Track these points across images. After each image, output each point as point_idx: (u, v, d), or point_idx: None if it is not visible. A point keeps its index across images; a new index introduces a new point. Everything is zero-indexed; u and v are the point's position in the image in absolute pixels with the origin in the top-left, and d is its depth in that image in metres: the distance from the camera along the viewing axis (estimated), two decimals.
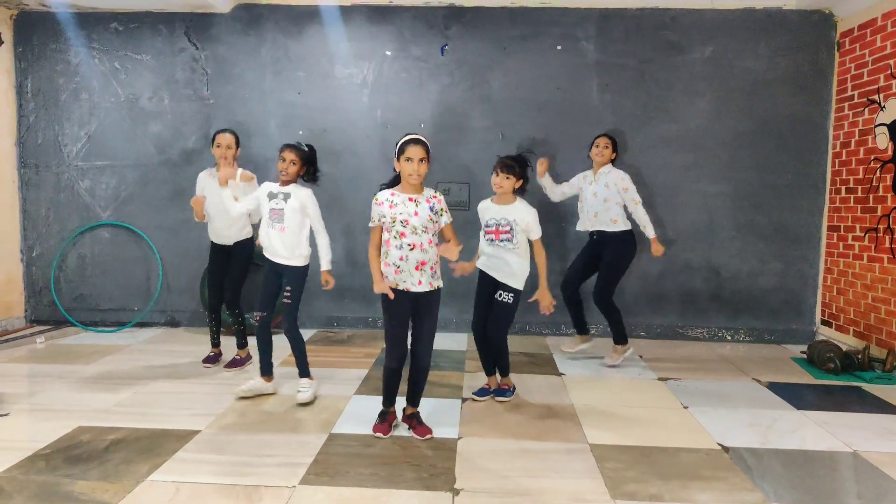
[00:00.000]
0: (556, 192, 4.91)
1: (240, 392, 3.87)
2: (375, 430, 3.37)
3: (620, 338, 4.75)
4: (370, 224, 3.29)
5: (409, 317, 3.31)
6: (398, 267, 3.20)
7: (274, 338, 4.03)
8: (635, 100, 5.49)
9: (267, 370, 3.97)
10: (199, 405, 3.76)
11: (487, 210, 3.86)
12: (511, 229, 3.73)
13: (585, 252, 4.82)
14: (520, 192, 3.82)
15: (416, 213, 3.21)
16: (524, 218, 3.75)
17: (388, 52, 5.59)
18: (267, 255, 3.81)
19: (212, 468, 2.93)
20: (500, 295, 3.78)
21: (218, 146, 4.29)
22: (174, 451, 3.10)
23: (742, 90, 5.44)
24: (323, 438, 3.28)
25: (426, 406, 3.77)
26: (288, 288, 3.78)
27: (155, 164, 5.76)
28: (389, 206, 3.22)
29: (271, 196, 3.77)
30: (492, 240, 3.78)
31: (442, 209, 3.30)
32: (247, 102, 5.69)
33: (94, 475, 2.84)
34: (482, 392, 4.01)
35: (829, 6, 5.33)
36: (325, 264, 3.83)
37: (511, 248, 3.75)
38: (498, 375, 4.05)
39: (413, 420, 3.43)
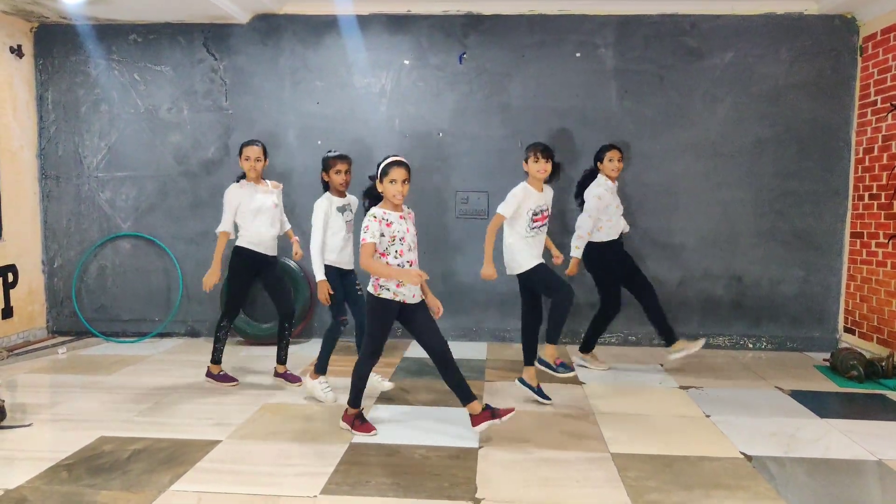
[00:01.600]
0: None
1: (330, 400, 4.01)
2: (360, 429, 3.46)
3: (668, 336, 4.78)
4: (370, 239, 3.23)
5: (391, 325, 3.40)
6: (400, 282, 3.26)
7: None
8: (655, 106, 5.46)
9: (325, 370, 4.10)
10: (221, 415, 3.77)
11: (533, 197, 3.92)
12: (549, 212, 4.03)
13: (622, 267, 4.75)
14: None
15: (408, 230, 3.35)
16: (551, 197, 4.07)
17: (406, 62, 5.61)
18: (338, 265, 3.95)
19: (233, 478, 2.94)
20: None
21: (247, 159, 4.23)
22: (196, 460, 3.11)
23: (763, 96, 5.39)
24: (344, 448, 3.28)
25: (447, 414, 3.76)
26: (358, 282, 4.10)
27: (174, 174, 5.81)
28: (387, 224, 3.27)
29: (342, 209, 3.97)
30: (540, 226, 3.96)
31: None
32: (265, 113, 5.73)
33: (116, 485, 2.86)
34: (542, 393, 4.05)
35: (851, 10, 5.27)
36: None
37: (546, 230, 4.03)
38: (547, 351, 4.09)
39: (487, 411, 3.35)
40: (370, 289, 3.36)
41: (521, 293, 4.09)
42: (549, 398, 4.01)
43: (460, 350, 5.24)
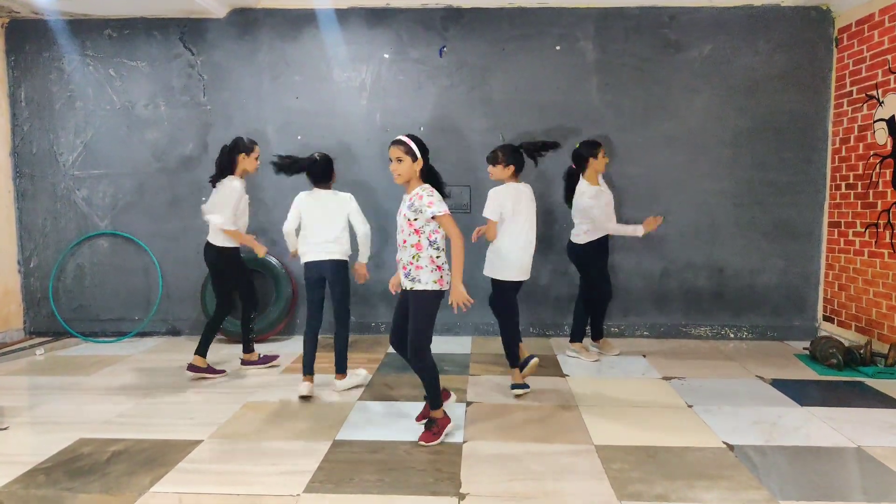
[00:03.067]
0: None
1: (342, 388, 4.13)
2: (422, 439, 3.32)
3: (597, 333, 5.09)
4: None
5: (404, 312, 3.33)
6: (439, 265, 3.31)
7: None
8: (635, 99, 5.48)
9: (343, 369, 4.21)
10: (202, 415, 3.73)
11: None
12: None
13: (605, 257, 4.93)
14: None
15: (400, 211, 3.33)
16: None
17: (386, 55, 5.57)
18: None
19: (215, 478, 2.90)
20: None
21: (257, 159, 4.49)
22: (176, 461, 3.07)
23: (741, 88, 5.43)
24: (327, 445, 3.26)
25: None
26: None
27: (152, 171, 5.73)
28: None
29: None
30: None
31: (424, 205, 3.17)
32: (244, 108, 5.66)
33: (95, 488, 2.81)
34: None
35: (826, 2, 5.32)
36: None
37: None
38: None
39: (428, 424, 3.34)
40: (432, 285, 3.24)
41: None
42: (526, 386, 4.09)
43: (444, 345, 5.26)
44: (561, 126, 5.49)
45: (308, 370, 4.04)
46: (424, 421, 3.41)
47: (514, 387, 4.05)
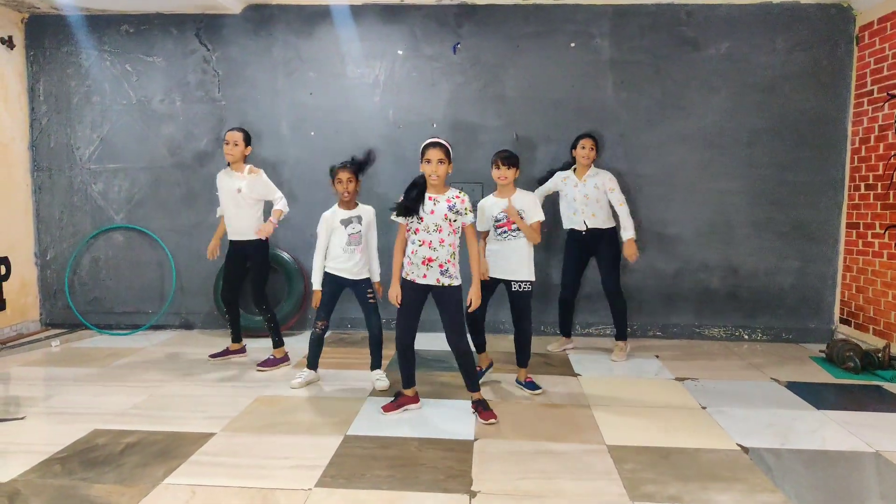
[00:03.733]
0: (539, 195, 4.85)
1: (294, 385, 4.10)
2: (382, 407, 3.65)
3: (623, 334, 4.94)
4: (397, 218, 3.50)
5: (418, 307, 3.55)
6: (410, 259, 3.48)
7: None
8: (651, 97, 5.43)
9: (314, 367, 4.22)
10: (215, 407, 3.75)
11: (493, 206, 4.01)
12: (521, 217, 3.94)
13: (576, 253, 4.88)
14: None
15: (431, 212, 3.42)
16: (528, 203, 3.97)
17: (400, 52, 5.57)
18: (335, 273, 4.05)
19: (227, 471, 2.92)
20: (520, 286, 3.95)
21: (226, 143, 4.49)
22: (190, 454, 3.09)
23: (759, 86, 5.36)
24: (338, 440, 3.26)
25: (442, 406, 3.75)
26: (370, 291, 4.12)
27: (167, 166, 5.76)
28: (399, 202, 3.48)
29: (346, 223, 4.00)
30: (504, 232, 3.94)
31: (466, 209, 3.48)
32: (258, 104, 5.68)
33: (109, 479, 2.84)
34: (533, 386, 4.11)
35: (847, 0, 5.25)
36: (375, 276, 4.18)
37: (521, 236, 3.95)
38: (520, 370, 4.18)
39: (478, 406, 3.61)
40: (458, 280, 3.53)
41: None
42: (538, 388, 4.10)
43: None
44: (575, 124, 5.46)
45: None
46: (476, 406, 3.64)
47: (530, 386, 4.09)
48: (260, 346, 5.02)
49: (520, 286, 3.95)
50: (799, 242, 5.46)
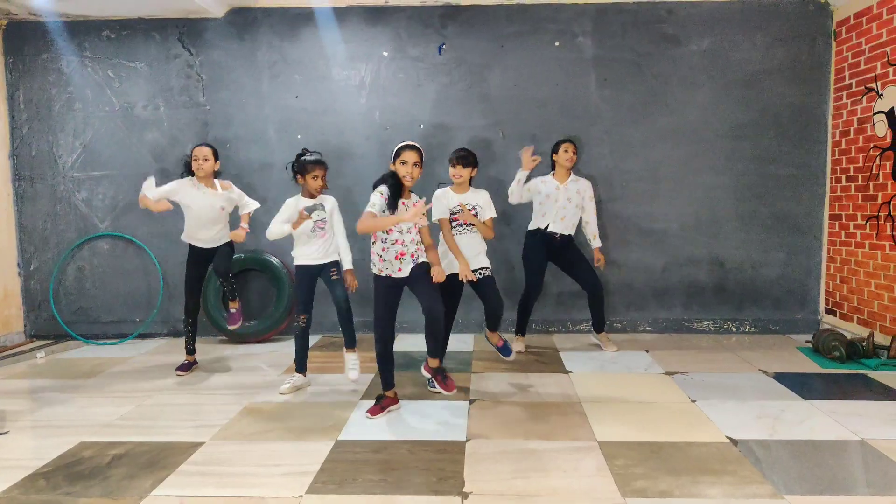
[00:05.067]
0: (519, 195, 4.81)
1: (283, 391, 4.09)
2: (367, 411, 3.65)
3: (603, 324, 5.09)
4: (369, 209, 3.48)
5: (395, 302, 3.62)
6: (381, 257, 3.56)
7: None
8: (634, 94, 5.46)
9: (303, 368, 4.19)
10: (204, 416, 3.73)
11: (450, 199, 4.11)
12: (476, 213, 4.08)
13: (544, 256, 4.89)
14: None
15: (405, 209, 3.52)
16: (482, 201, 4.13)
17: (385, 53, 5.56)
18: (302, 261, 4.07)
19: (217, 480, 2.90)
20: (482, 272, 4.06)
21: (195, 158, 4.40)
22: (178, 464, 3.06)
23: (740, 81, 5.41)
24: (329, 446, 3.25)
25: (434, 407, 3.75)
26: (333, 269, 4.12)
27: (152, 172, 5.67)
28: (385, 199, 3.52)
29: (311, 210, 4.03)
30: (459, 225, 4.06)
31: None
32: (244, 107, 5.65)
33: (96, 492, 2.80)
34: (431, 383, 4.03)
35: None
36: (347, 263, 4.13)
37: (475, 231, 4.09)
38: (492, 334, 4.24)
39: (438, 375, 3.72)
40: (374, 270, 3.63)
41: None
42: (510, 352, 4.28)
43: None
44: (560, 122, 5.48)
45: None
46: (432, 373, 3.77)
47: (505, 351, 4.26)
48: (249, 352, 4.99)
49: (482, 272, 4.06)
50: (784, 235, 5.51)
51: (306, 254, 4.07)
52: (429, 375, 3.85)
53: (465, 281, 3.92)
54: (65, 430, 3.53)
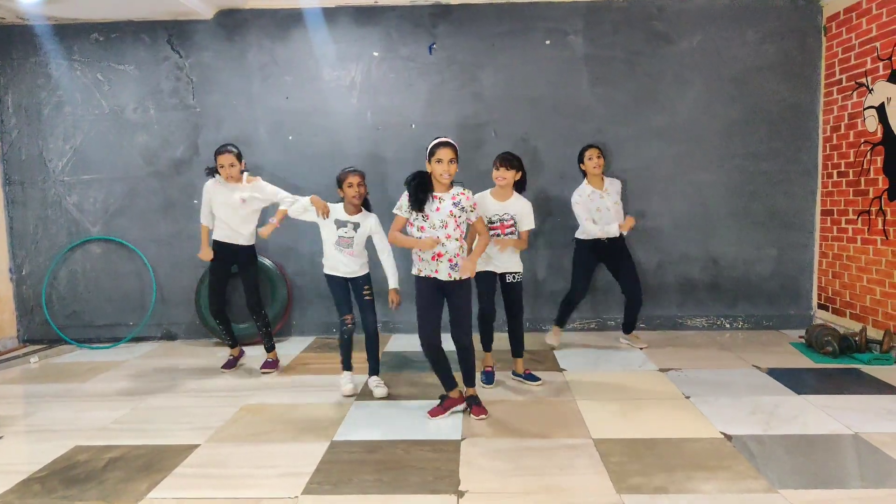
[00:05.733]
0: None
1: (347, 392, 4.03)
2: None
3: (632, 327, 5.13)
4: (396, 211, 3.52)
5: (438, 302, 3.53)
6: (420, 256, 3.50)
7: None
8: (626, 92, 5.47)
9: (350, 366, 4.16)
10: (198, 419, 3.71)
11: (489, 206, 4.03)
12: (514, 223, 4.02)
13: (594, 260, 4.92)
14: (519, 186, 4.06)
15: (437, 209, 3.47)
16: (523, 210, 4.03)
17: (376, 53, 5.55)
18: (329, 271, 4.06)
19: (213, 482, 2.89)
20: (513, 277, 4.08)
21: (221, 167, 4.39)
22: (174, 466, 3.05)
23: (732, 78, 5.43)
24: (325, 447, 3.24)
25: (428, 407, 3.74)
26: (367, 287, 4.05)
27: (143, 175, 5.69)
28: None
29: (339, 224, 3.99)
30: (497, 234, 4.00)
31: (471, 206, 3.54)
32: (234, 109, 5.63)
33: (92, 496, 2.79)
34: (489, 377, 4.19)
35: None
36: (392, 283, 3.99)
37: (509, 234, 4.04)
38: (517, 360, 4.25)
39: (471, 402, 3.62)
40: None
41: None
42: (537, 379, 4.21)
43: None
44: (552, 120, 5.49)
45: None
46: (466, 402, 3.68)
47: (531, 378, 4.22)
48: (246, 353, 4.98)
49: (513, 277, 4.06)
50: (776, 231, 5.54)
51: (333, 265, 4.03)
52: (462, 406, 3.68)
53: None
54: (59, 435, 3.51)
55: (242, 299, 4.72)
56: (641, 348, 5.00)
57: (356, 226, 4.00)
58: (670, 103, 5.47)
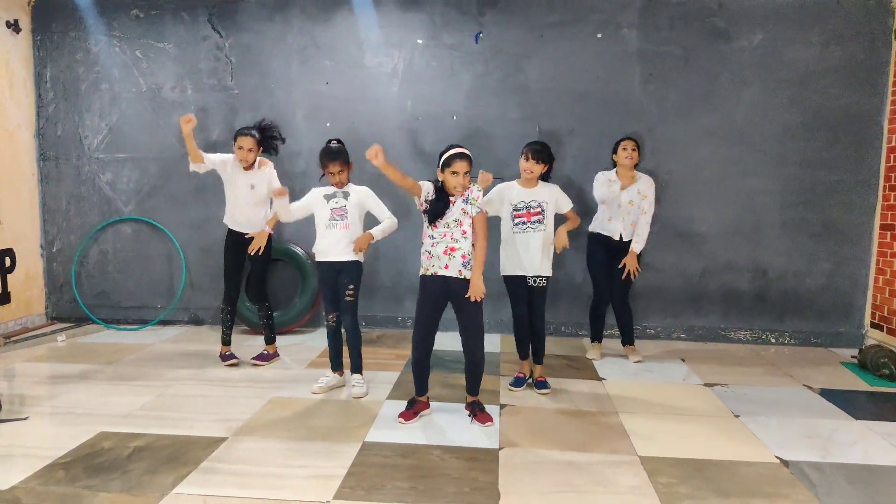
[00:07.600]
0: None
1: (315, 390, 3.90)
2: (400, 416, 3.46)
3: (631, 340, 4.88)
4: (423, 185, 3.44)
5: (440, 304, 3.41)
6: (429, 253, 3.37)
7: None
8: (679, 90, 5.23)
9: (339, 367, 4.02)
10: (226, 409, 3.60)
11: (514, 193, 3.91)
12: (542, 210, 3.85)
13: (605, 257, 4.66)
14: (545, 177, 3.97)
15: (455, 208, 3.39)
16: (552, 195, 3.91)
17: (420, 41, 5.37)
18: (322, 258, 3.86)
19: (240, 480, 2.76)
20: (537, 281, 3.90)
21: (240, 148, 4.25)
22: (199, 460, 2.94)
23: (792, 81, 5.15)
24: (356, 448, 3.10)
25: (462, 412, 3.59)
26: (350, 287, 3.83)
27: (178, 156, 5.59)
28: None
29: (329, 197, 3.84)
30: (523, 223, 3.85)
31: (475, 199, 3.38)
32: (272, 93, 5.51)
33: (115, 486, 2.68)
34: (519, 382, 4.03)
35: None
36: (376, 231, 3.84)
37: (542, 230, 3.84)
38: (535, 366, 4.07)
39: (474, 408, 3.51)
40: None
41: None
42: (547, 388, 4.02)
43: None
44: (600, 117, 5.27)
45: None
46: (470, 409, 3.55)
47: (541, 385, 4.02)
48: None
49: (536, 281, 3.88)
50: (830, 244, 5.26)
51: (323, 248, 3.83)
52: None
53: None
54: (84, 419, 3.42)
55: (282, 287, 4.59)
56: (636, 361, 4.70)
57: (346, 194, 3.85)
58: (725, 104, 5.22)
